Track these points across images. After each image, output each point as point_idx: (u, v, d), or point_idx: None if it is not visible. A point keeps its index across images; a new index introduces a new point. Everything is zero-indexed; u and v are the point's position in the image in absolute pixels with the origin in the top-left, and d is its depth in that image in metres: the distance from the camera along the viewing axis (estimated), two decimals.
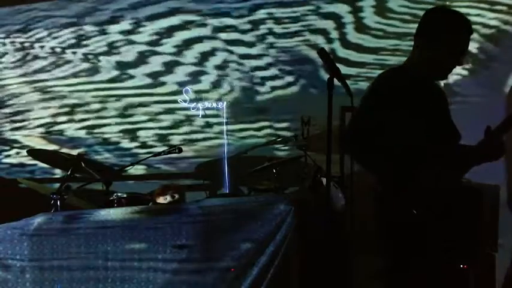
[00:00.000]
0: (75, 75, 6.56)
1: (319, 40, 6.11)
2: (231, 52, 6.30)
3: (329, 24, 6.11)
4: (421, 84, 3.33)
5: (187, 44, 6.37)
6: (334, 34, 6.12)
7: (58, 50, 6.59)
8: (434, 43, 3.26)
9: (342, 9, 6.09)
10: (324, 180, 4.69)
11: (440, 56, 3.27)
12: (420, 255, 3.56)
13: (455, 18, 3.30)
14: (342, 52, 6.09)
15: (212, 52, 6.32)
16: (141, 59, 6.44)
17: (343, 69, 3.42)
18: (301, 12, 6.17)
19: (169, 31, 6.40)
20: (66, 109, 6.58)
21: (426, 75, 3.34)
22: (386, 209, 3.49)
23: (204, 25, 6.32)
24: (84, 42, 6.53)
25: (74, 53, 6.56)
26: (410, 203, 3.40)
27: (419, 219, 3.42)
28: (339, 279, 4.20)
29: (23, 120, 6.68)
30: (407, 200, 3.44)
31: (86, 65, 6.54)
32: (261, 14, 6.23)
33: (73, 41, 6.56)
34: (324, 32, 6.13)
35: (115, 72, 6.49)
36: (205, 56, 6.33)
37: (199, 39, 6.34)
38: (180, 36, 6.38)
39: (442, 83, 3.65)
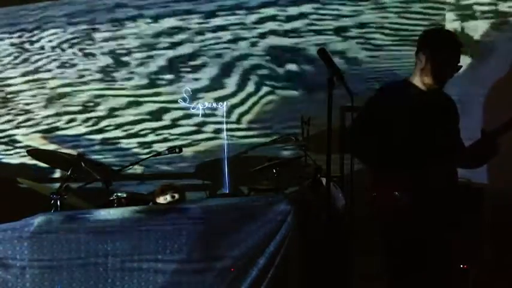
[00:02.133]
0: (75, 74, 6.55)
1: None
2: (235, 51, 6.31)
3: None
4: (419, 94, 3.75)
5: (189, 43, 6.36)
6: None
7: (58, 49, 6.59)
8: (427, 58, 3.72)
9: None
10: (324, 180, 4.70)
11: (433, 68, 3.71)
12: (420, 255, 3.57)
13: (446, 37, 3.80)
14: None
15: (214, 51, 6.32)
16: (142, 58, 6.43)
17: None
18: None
19: (170, 31, 6.40)
20: (67, 109, 6.57)
21: (424, 86, 3.77)
22: (382, 209, 3.59)
23: (208, 22, 6.32)
24: (85, 42, 6.53)
25: (75, 53, 6.56)
26: (405, 202, 3.54)
27: (415, 217, 3.54)
28: (339, 279, 4.21)
29: (23, 120, 6.67)
30: (402, 201, 3.53)
31: (86, 65, 6.53)
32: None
33: (74, 40, 6.55)
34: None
35: (115, 72, 6.48)
36: (206, 55, 6.33)
37: (201, 38, 6.33)
38: (181, 35, 6.37)
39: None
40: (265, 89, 6.25)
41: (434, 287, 3.65)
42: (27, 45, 6.65)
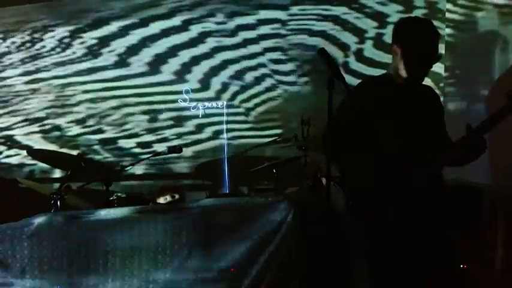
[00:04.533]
0: (75, 74, 6.56)
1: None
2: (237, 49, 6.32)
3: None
4: (396, 88, 3.54)
5: (189, 42, 6.37)
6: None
7: (59, 49, 6.60)
8: (400, 49, 3.51)
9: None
10: (324, 180, 4.69)
11: (406, 60, 3.50)
12: (420, 255, 3.56)
13: (420, 25, 3.56)
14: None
15: (220, 50, 6.34)
16: (141, 58, 6.44)
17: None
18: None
19: (170, 30, 6.40)
20: (67, 108, 6.58)
21: (402, 79, 3.54)
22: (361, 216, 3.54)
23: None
24: (84, 41, 6.54)
25: (75, 52, 6.56)
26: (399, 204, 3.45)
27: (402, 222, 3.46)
28: (339, 279, 4.20)
29: (24, 120, 6.68)
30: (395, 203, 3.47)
31: (86, 64, 6.54)
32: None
33: (73, 39, 6.56)
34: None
35: (115, 71, 6.49)
36: (209, 54, 6.34)
37: (203, 37, 6.34)
38: (181, 34, 6.38)
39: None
40: (265, 89, 6.25)
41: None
42: (28, 44, 6.66)
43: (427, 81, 3.77)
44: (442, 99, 3.82)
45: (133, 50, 6.45)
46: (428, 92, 3.71)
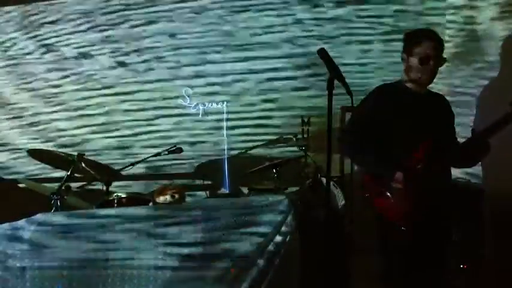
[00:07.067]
0: (73, 75, 6.56)
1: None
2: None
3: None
4: (408, 94, 3.87)
5: (188, 41, 6.37)
6: None
7: (54, 49, 6.59)
8: (407, 56, 3.89)
9: None
10: (324, 180, 4.70)
11: (412, 65, 3.85)
12: (419, 255, 3.58)
13: (421, 34, 3.92)
14: None
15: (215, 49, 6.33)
16: (140, 58, 6.43)
17: None
18: None
19: (167, 29, 6.41)
20: (66, 108, 6.58)
21: (412, 85, 3.89)
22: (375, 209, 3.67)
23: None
24: (81, 42, 6.54)
25: (73, 53, 6.56)
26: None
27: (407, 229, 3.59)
28: (339, 279, 4.21)
29: (24, 120, 6.68)
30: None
31: (85, 66, 6.54)
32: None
33: (70, 41, 6.56)
34: None
35: (114, 71, 6.49)
36: (209, 53, 6.34)
37: (205, 36, 6.34)
38: (182, 34, 6.38)
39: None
40: (266, 89, 6.25)
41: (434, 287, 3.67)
42: (24, 46, 6.66)
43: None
44: None
45: (131, 47, 6.45)
46: (441, 100, 4.01)
